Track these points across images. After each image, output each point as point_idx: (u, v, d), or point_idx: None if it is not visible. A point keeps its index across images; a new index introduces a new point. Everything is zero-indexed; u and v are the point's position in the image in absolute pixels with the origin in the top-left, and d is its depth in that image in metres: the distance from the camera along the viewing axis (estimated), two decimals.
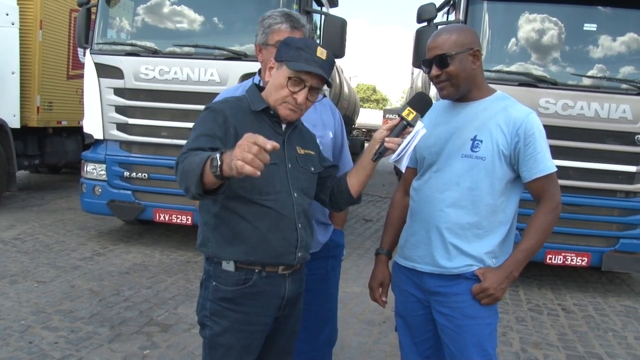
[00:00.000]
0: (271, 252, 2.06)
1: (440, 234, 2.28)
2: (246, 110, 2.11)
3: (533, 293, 6.18)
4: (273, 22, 2.60)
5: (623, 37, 5.93)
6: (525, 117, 2.22)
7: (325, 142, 2.69)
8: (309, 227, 2.22)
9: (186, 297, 5.16)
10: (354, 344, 4.35)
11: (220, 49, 6.36)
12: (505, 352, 4.46)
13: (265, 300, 2.12)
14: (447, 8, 6.89)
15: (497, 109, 2.26)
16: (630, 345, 4.83)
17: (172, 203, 6.53)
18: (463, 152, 2.25)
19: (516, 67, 5.99)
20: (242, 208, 2.04)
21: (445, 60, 2.21)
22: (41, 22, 9.01)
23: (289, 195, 2.10)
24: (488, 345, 2.27)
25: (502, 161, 2.21)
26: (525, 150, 2.19)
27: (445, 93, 2.29)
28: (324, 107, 2.81)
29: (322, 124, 2.74)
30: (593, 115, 5.74)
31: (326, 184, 2.34)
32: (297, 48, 2.10)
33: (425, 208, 2.33)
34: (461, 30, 2.30)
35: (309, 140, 2.33)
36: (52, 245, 6.69)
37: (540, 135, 2.21)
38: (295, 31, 2.59)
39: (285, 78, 2.08)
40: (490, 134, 2.22)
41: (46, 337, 4.11)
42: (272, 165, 2.03)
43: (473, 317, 2.26)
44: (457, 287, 2.27)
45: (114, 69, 6.53)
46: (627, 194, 6.02)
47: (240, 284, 2.07)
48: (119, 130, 6.67)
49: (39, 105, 9.12)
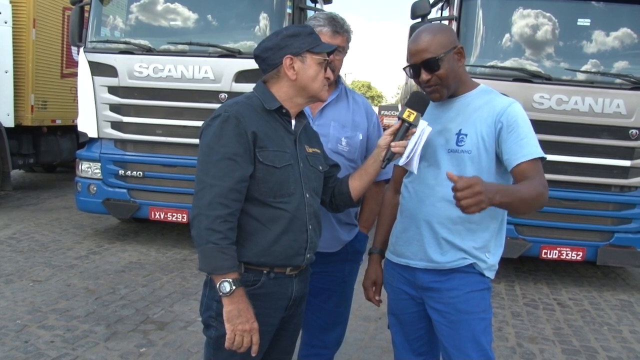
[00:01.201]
0: (282, 254, 2.06)
1: (432, 229, 2.27)
2: (258, 110, 2.09)
3: (529, 288, 6.20)
4: (316, 24, 2.60)
5: (616, 32, 5.95)
6: (508, 105, 2.21)
7: (352, 142, 2.67)
8: (319, 228, 2.22)
9: (182, 295, 5.16)
10: (350, 340, 4.36)
11: (215, 46, 6.34)
12: (502, 347, 4.47)
13: (272, 301, 2.11)
14: (441, 4, 6.89)
15: (481, 102, 2.26)
16: (625, 339, 4.85)
17: (168, 201, 6.53)
18: (449, 147, 2.25)
19: (510, 63, 5.99)
20: (256, 210, 2.03)
21: (435, 63, 2.17)
22: (34, 20, 8.96)
23: (302, 197, 2.10)
24: (483, 339, 2.25)
25: (488, 153, 2.21)
26: (509, 137, 2.16)
27: (438, 96, 2.27)
28: (359, 108, 2.78)
29: (353, 124, 2.71)
30: (587, 110, 5.76)
31: (328, 184, 2.34)
32: (309, 34, 2.13)
33: (416, 204, 2.33)
34: (442, 30, 2.28)
35: (314, 138, 2.33)
36: (47, 244, 6.67)
37: (523, 122, 2.18)
38: (336, 36, 2.59)
39: (316, 65, 2.11)
40: (475, 127, 2.22)
41: (42, 336, 4.11)
42: (287, 166, 2.05)
43: (467, 312, 2.25)
44: (450, 282, 2.27)
45: (107, 67, 6.51)
46: (622, 188, 6.04)
47: (248, 285, 2.04)
48: (113, 129, 6.66)
49: (33, 104, 9.07)
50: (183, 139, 6.41)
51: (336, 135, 2.64)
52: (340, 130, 2.65)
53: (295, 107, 2.16)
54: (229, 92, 6.16)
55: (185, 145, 6.38)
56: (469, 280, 2.27)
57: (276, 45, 2.10)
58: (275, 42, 2.11)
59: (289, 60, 2.08)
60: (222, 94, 6.21)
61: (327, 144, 2.57)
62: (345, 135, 2.65)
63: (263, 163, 2.01)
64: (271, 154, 2.03)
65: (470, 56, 5.81)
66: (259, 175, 2.01)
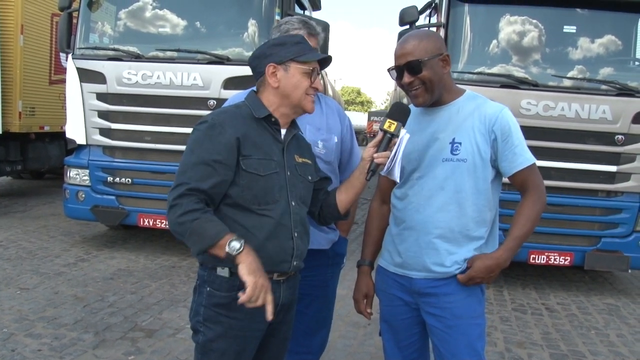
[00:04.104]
0: (267, 261, 2.04)
1: (430, 241, 2.27)
2: (247, 118, 2.10)
3: (517, 293, 6.23)
4: (291, 28, 2.61)
5: (602, 39, 6.02)
6: (499, 112, 2.24)
7: (328, 146, 2.68)
8: (306, 235, 2.22)
9: (171, 302, 5.14)
10: (339, 346, 4.36)
11: (203, 53, 6.34)
12: (490, 351, 4.49)
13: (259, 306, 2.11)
14: (429, 11, 6.94)
15: (470, 109, 2.27)
16: (613, 343, 4.89)
17: (156, 208, 6.48)
18: (444, 156, 2.25)
19: (498, 69, 6.04)
20: (241, 216, 2.04)
21: (417, 66, 2.19)
22: (22, 26, 8.92)
23: (287, 204, 2.10)
24: (478, 345, 2.27)
25: (483, 160, 2.22)
26: (504, 146, 2.21)
27: (421, 100, 2.27)
28: (332, 112, 2.80)
29: (327, 127, 2.73)
30: (574, 116, 5.81)
31: (318, 196, 2.34)
32: (296, 43, 2.13)
33: (413, 215, 2.32)
34: (429, 36, 2.30)
35: (305, 149, 2.33)
36: (35, 251, 6.63)
37: (515, 129, 2.24)
38: (311, 38, 2.59)
39: (300, 74, 2.11)
40: (468, 135, 2.23)
41: (29, 344, 4.07)
42: (273, 174, 2.06)
43: (463, 318, 2.26)
44: (447, 287, 2.27)
45: (96, 73, 6.49)
46: (608, 193, 6.09)
47: (234, 289, 2.02)
48: (101, 135, 6.63)
49: (21, 111, 9.02)
50: (172, 145, 6.39)
51: (312, 139, 2.63)
52: (316, 133, 2.66)
53: (283, 117, 2.17)
54: (217, 98, 6.15)
55: (174, 152, 6.35)
56: (465, 285, 2.27)
57: (262, 54, 2.12)
58: (263, 51, 2.13)
59: (271, 68, 2.09)
60: (210, 100, 6.21)
61: None
62: (321, 137, 2.66)
63: (246, 171, 2.02)
64: (255, 162, 2.04)
65: (457, 62, 5.85)
66: (243, 182, 2.02)
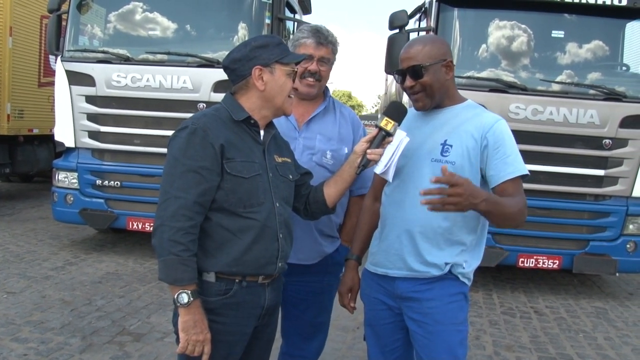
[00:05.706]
0: (253, 263, 2.06)
1: (411, 237, 2.28)
2: (226, 121, 2.10)
3: (506, 296, 6.25)
4: (301, 36, 2.63)
5: (589, 44, 6.07)
6: (495, 122, 2.25)
7: (337, 156, 2.66)
8: (290, 237, 2.22)
9: (159, 305, 5.11)
10: (328, 350, 4.33)
11: (193, 56, 6.33)
12: (479, 355, 4.50)
13: (245, 310, 2.11)
14: (418, 15, 6.96)
15: (468, 116, 2.29)
16: (600, 346, 4.91)
17: (145, 211, 6.44)
18: (433, 156, 2.26)
19: (487, 73, 6.08)
20: (226, 220, 2.04)
21: (419, 71, 2.22)
22: (11, 28, 8.88)
23: (272, 206, 2.11)
24: (459, 352, 2.27)
25: (472, 165, 2.23)
26: (495, 155, 2.21)
27: (421, 105, 2.30)
28: (345, 121, 2.77)
29: (339, 138, 2.71)
30: (562, 120, 5.84)
31: (301, 192, 2.35)
32: (278, 44, 2.14)
33: (396, 212, 2.34)
34: (434, 42, 2.33)
35: (284, 147, 2.34)
36: (22, 255, 6.57)
37: (509, 140, 2.24)
38: (320, 47, 2.59)
39: (285, 76, 2.13)
40: (460, 138, 2.24)
41: (15, 349, 4.04)
42: (256, 176, 2.07)
43: (444, 323, 2.26)
44: (430, 292, 2.28)
45: (85, 76, 6.46)
46: (596, 197, 6.13)
47: (220, 294, 2.05)
48: (90, 138, 6.60)
49: (9, 113, 8.98)
50: (161, 148, 6.35)
51: (322, 148, 2.65)
52: (326, 143, 2.66)
53: (263, 119, 2.17)
54: (207, 102, 6.14)
55: (164, 155, 6.29)
56: (448, 291, 2.28)
57: (245, 57, 2.11)
58: (244, 53, 2.12)
59: (258, 71, 2.10)
60: (200, 103, 6.19)
61: (312, 157, 2.60)
62: (330, 148, 2.66)
63: (230, 174, 2.02)
64: (239, 164, 2.04)
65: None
66: (228, 186, 2.02)
